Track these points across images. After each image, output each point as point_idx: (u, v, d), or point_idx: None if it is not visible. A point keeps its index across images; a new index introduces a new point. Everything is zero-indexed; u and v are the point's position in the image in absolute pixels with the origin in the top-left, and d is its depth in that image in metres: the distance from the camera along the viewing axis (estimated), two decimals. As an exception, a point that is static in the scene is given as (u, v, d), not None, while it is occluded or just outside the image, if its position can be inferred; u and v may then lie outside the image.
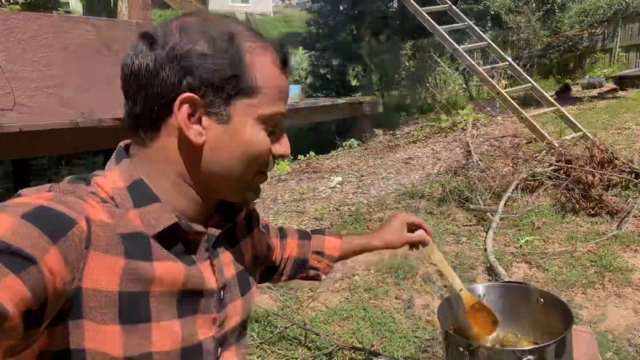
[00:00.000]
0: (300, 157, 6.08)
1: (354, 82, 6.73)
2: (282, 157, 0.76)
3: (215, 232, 0.83)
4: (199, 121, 0.72)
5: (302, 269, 1.23)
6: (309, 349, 2.18)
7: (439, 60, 10.26)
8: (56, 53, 3.55)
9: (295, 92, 5.88)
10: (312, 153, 6.11)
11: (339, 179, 4.63)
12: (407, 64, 10.52)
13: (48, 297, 0.56)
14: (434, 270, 2.78)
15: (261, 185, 0.85)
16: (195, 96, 0.71)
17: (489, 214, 3.41)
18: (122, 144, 0.79)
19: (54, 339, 0.63)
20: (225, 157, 0.74)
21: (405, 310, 2.44)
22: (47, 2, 4.20)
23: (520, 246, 2.94)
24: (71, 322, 0.63)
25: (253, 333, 2.29)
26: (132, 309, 0.68)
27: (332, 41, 6.90)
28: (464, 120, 6.58)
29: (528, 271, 2.66)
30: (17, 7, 3.87)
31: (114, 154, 0.79)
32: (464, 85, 10.10)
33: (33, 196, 0.65)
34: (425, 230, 1.27)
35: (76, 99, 3.70)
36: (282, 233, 1.24)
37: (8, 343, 0.52)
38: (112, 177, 0.74)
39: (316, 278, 1.26)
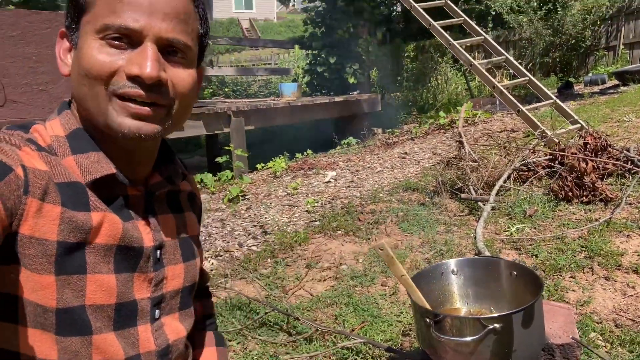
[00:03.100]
0: (297, 155, 6.06)
1: (351, 80, 6.70)
2: (136, 77, 0.67)
3: (155, 191, 0.81)
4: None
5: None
6: (290, 334, 2.14)
7: (440, 60, 10.23)
8: (46, 50, 3.57)
9: (292, 90, 5.87)
10: (309, 151, 6.09)
11: (334, 173, 4.60)
12: (409, 65, 10.51)
13: None
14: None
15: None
16: (64, 29, 0.73)
17: (480, 204, 3.36)
18: (67, 98, 0.78)
19: None
20: (75, 81, 0.72)
21: (390, 297, 2.40)
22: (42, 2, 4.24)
23: (511, 234, 2.89)
24: (6, 267, 0.62)
25: (234, 320, 2.27)
26: (69, 260, 0.66)
27: (329, 39, 6.88)
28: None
29: (517, 257, 2.61)
30: (12, 7, 3.91)
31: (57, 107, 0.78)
32: (466, 86, 10.05)
33: None
34: None
35: (66, 96, 3.72)
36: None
37: None
38: (51, 126, 0.73)
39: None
